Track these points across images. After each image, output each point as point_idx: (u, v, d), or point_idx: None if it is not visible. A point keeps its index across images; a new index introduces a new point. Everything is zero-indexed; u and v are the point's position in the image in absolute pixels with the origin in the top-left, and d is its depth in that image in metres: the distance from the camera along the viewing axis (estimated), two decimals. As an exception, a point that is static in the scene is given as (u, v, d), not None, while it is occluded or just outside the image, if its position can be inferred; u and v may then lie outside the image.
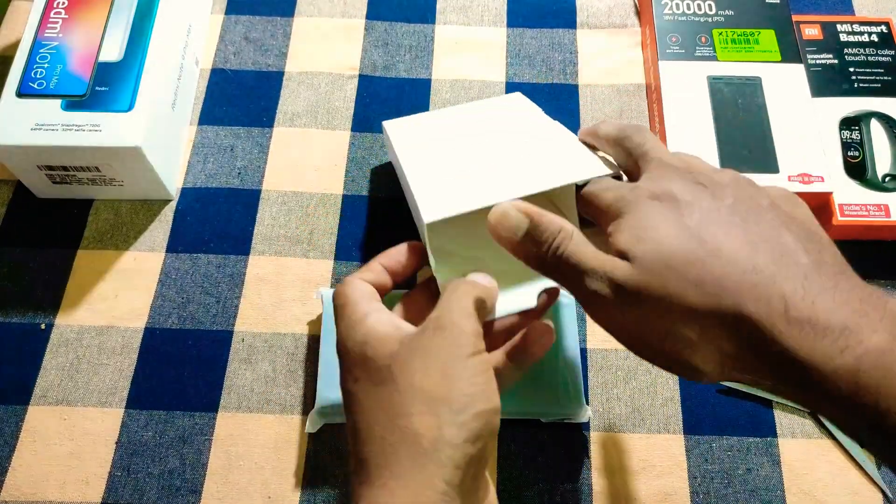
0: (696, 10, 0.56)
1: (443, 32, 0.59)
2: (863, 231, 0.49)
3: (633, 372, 0.46)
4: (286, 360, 0.46)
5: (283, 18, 0.59)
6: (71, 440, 0.44)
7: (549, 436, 0.45)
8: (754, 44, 0.54)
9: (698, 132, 0.51)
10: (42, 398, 0.45)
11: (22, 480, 0.43)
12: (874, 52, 0.55)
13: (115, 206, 0.51)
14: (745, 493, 0.43)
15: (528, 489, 0.43)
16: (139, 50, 0.49)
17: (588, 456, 0.44)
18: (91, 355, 0.46)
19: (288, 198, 0.52)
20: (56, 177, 0.49)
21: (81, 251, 0.50)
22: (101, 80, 0.48)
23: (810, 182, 0.49)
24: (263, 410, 0.45)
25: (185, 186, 0.52)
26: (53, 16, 0.50)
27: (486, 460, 0.29)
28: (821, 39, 0.56)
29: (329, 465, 0.44)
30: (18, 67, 0.48)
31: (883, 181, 0.50)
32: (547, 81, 0.57)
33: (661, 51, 0.54)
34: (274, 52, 0.58)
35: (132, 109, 0.47)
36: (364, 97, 0.56)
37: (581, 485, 0.43)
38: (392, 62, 0.58)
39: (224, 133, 0.55)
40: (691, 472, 0.44)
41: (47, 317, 0.48)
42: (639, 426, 0.45)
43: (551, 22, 0.60)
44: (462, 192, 0.36)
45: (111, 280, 0.49)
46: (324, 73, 0.57)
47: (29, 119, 0.46)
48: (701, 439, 0.45)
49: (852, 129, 0.52)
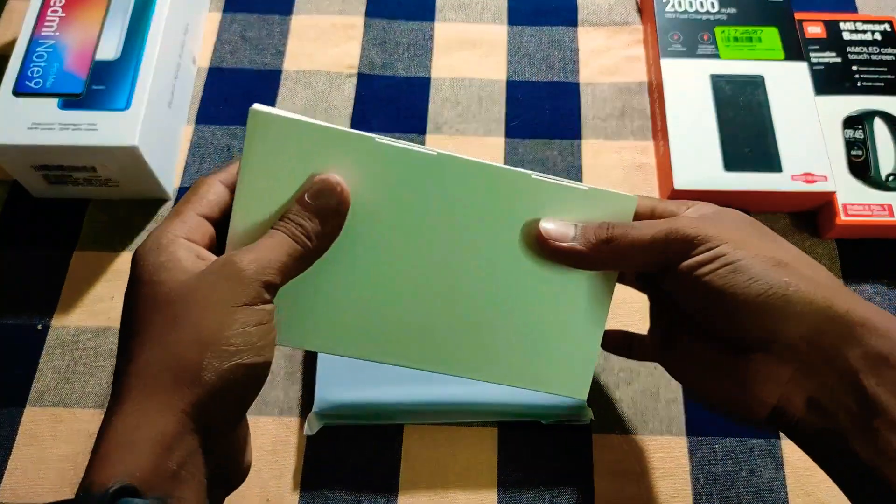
0: (699, 8, 0.55)
1: (442, 30, 0.59)
2: (866, 230, 0.49)
3: (635, 373, 0.46)
4: (284, 361, 0.46)
5: (280, 17, 0.59)
6: (67, 443, 0.44)
7: (550, 438, 0.44)
8: (757, 42, 0.54)
9: (701, 131, 0.50)
10: (38, 400, 0.45)
11: (18, 483, 0.42)
12: (877, 50, 0.54)
13: (111, 207, 0.51)
14: (749, 494, 0.43)
15: (530, 492, 0.43)
16: (136, 49, 0.48)
17: (590, 458, 0.44)
18: (87, 357, 0.46)
19: (286, 197, 0.52)
20: (52, 177, 0.48)
21: (78, 252, 0.49)
22: (98, 79, 0.47)
23: (813, 181, 0.49)
24: (262, 412, 0.45)
25: (183, 186, 0.52)
26: (50, 14, 0.49)
27: (245, 405, 0.29)
28: (824, 38, 0.55)
29: (328, 467, 0.43)
30: (15, 66, 0.47)
31: (886, 180, 0.50)
32: (547, 79, 0.57)
33: (663, 49, 0.54)
34: (271, 50, 0.57)
35: (129, 108, 0.46)
36: (363, 96, 0.56)
37: (583, 487, 0.43)
38: (391, 60, 0.57)
39: (221, 132, 0.54)
40: (694, 474, 0.43)
41: (43, 318, 0.47)
42: (641, 428, 0.45)
43: (552, 19, 0.59)
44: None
45: (108, 281, 0.49)
46: (322, 71, 0.57)
47: (25, 118, 0.46)
48: (703, 441, 0.44)
49: (856, 127, 0.51)
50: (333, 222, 0.30)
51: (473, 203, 0.31)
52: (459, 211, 0.31)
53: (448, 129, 0.54)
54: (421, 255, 0.31)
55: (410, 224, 0.31)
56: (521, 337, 0.33)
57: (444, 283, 0.32)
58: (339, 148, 0.30)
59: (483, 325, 0.32)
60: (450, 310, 0.32)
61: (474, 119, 0.55)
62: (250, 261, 0.28)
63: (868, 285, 0.49)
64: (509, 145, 0.54)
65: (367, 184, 0.30)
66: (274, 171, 0.30)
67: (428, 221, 0.31)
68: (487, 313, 0.32)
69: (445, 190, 0.31)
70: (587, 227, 0.32)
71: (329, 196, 0.30)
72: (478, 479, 0.43)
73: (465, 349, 0.32)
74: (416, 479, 0.43)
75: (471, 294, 0.32)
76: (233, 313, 0.27)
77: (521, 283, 0.32)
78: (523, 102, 0.56)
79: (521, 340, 0.33)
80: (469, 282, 0.32)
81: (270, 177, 0.30)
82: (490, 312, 0.32)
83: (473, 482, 0.43)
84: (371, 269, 0.31)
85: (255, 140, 0.30)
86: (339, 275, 0.31)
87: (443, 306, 0.32)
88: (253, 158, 0.30)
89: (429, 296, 0.32)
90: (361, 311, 0.32)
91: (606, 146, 0.54)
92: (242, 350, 0.27)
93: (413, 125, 0.55)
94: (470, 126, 0.55)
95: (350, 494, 0.43)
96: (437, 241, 0.31)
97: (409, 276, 0.32)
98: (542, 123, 0.55)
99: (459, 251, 0.32)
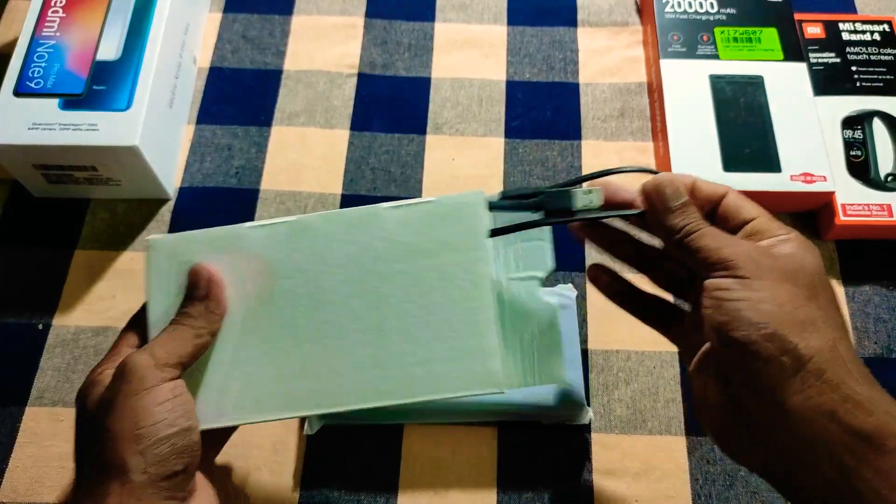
0: (698, 9, 0.56)
1: (443, 30, 0.59)
2: (865, 231, 0.49)
3: (635, 373, 0.46)
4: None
5: (281, 16, 0.59)
6: (67, 442, 0.44)
7: (549, 438, 0.44)
8: (756, 42, 0.54)
9: (700, 131, 0.51)
10: (39, 399, 0.45)
11: (18, 482, 0.43)
12: (877, 50, 0.54)
13: (112, 206, 0.51)
14: (747, 494, 0.43)
15: (529, 491, 0.43)
16: (137, 49, 0.49)
17: (589, 458, 0.44)
18: (88, 356, 0.46)
19: (286, 197, 0.52)
20: (53, 176, 0.48)
21: (79, 251, 0.50)
22: (99, 79, 0.47)
23: (813, 181, 0.49)
24: (262, 412, 0.45)
25: (183, 186, 0.52)
26: (51, 14, 0.50)
27: (191, 472, 0.31)
28: (823, 38, 0.55)
29: (328, 466, 0.43)
30: (16, 66, 0.47)
31: (885, 181, 0.50)
32: (547, 80, 0.57)
33: (663, 49, 0.54)
34: (272, 50, 0.58)
35: (129, 108, 0.46)
36: (363, 96, 0.56)
37: (582, 487, 0.43)
38: (391, 60, 0.57)
39: (222, 132, 0.54)
40: (693, 474, 0.43)
41: (44, 317, 0.47)
42: (640, 428, 0.45)
43: (552, 20, 0.60)
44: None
45: (108, 280, 0.49)
46: (322, 71, 0.57)
47: (26, 118, 0.46)
48: (703, 441, 0.44)
49: (855, 128, 0.52)
50: (211, 301, 0.33)
51: (344, 245, 0.35)
52: (335, 255, 0.35)
53: (448, 130, 0.55)
54: (314, 306, 0.34)
55: (299, 281, 0.34)
56: (416, 349, 0.34)
57: (340, 325, 0.34)
58: (215, 243, 0.35)
59: (382, 352, 0.34)
60: (350, 346, 0.34)
61: (474, 119, 0.55)
62: (142, 355, 0.31)
63: (867, 286, 0.49)
64: (509, 145, 0.54)
65: (250, 261, 0.35)
66: (167, 284, 0.34)
67: (313, 274, 0.34)
68: (383, 340, 0.34)
69: (316, 243, 0.35)
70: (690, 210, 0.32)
71: (197, 277, 0.34)
72: (477, 479, 0.43)
73: (374, 377, 0.34)
74: (416, 479, 0.43)
75: (365, 327, 0.34)
76: (140, 401, 0.30)
77: (400, 304, 0.34)
78: (523, 102, 0.56)
79: (418, 352, 0.34)
80: (361, 316, 0.34)
81: (166, 289, 0.34)
82: (385, 338, 0.34)
83: (473, 482, 0.43)
84: (273, 332, 0.34)
85: (149, 264, 0.34)
86: (246, 346, 0.34)
87: (343, 345, 0.34)
88: (151, 277, 0.34)
89: (329, 340, 0.34)
90: (270, 372, 0.34)
91: (606, 146, 0.54)
92: (161, 428, 0.30)
93: (413, 125, 0.55)
94: (470, 126, 0.55)
95: (350, 494, 0.43)
96: (324, 289, 0.34)
97: (307, 328, 0.34)
98: (542, 124, 0.55)
99: (346, 292, 0.34)
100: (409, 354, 0.34)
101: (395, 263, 0.34)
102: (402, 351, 0.34)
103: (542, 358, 0.34)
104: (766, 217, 0.31)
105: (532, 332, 0.35)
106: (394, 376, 0.34)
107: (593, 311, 0.48)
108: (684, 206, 0.32)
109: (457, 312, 0.34)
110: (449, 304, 0.34)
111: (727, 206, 0.32)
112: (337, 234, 0.35)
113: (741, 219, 0.32)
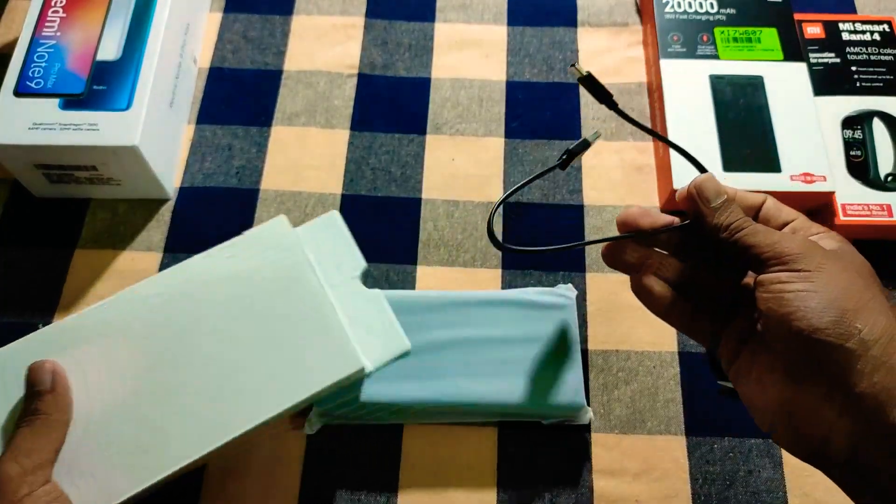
0: (698, 9, 0.56)
1: (443, 31, 0.59)
2: (865, 231, 0.49)
3: (634, 373, 0.46)
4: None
5: (281, 17, 0.59)
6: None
7: (550, 438, 0.44)
8: (756, 42, 0.54)
9: (700, 131, 0.51)
10: (39, 399, 0.45)
11: (19, 482, 0.43)
12: (876, 51, 0.55)
13: (112, 206, 0.51)
14: (747, 494, 0.43)
15: (529, 491, 0.43)
16: (137, 49, 0.49)
17: (589, 458, 0.44)
18: (88, 356, 0.46)
19: (286, 197, 0.52)
20: (53, 176, 0.48)
21: (79, 251, 0.50)
22: (99, 79, 0.47)
23: (812, 181, 0.49)
24: (262, 412, 0.45)
25: (183, 186, 0.52)
26: (51, 14, 0.50)
27: None
28: (823, 38, 0.55)
29: (328, 466, 0.43)
30: (16, 66, 0.47)
31: (885, 181, 0.50)
32: (547, 80, 0.57)
33: (663, 49, 0.54)
34: (272, 50, 0.58)
35: (130, 108, 0.46)
36: (363, 96, 0.56)
37: (582, 487, 0.43)
38: (391, 61, 0.57)
39: (222, 132, 0.54)
40: (692, 474, 0.43)
41: (44, 317, 0.47)
42: (640, 428, 0.45)
43: (552, 20, 0.60)
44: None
45: (108, 280, 0.49)
46: (322, 71, 0.57)
47: (26, 118, 0.46)
48: (702, 441, 0.44)
49: (854, 128, 0.52)
50: (58, 391, 0.34)
51: (175, 299, 0.38)
52: (171, 312, 0.37)
53: (448, 130, 0.55)
54: (150, 369, 0.36)
55: (132, 352, 0.36)
56: (274, 364, 0.37)
57: (181, 379, 0.36)
58: (55, 343, 0.36)
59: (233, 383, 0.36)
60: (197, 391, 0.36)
61: (474, 119, 0.55)
62: (10, 464, 0.31)
63: (867, 286, 0.49)
64: (509, 146, 0.54)
65: (87, 346, 0.36)
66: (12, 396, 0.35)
67: (141, 339, 0.37)
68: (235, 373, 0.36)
69: (150, 310, 0.37)
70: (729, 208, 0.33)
71: (39, 372, 0.34)
72: (477, 479, 0.43)
73: (231, 408, 0.36)
74: (416, 479, 0.43)
75: (212, 368, 0.36)
76: None
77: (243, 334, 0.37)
78: (523, 103, 0.56)
79: (277, 366, 0.37)
80: (205, 360, 0.37)
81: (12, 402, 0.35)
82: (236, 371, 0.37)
83: (473, 482, 0.43)
84: (119, 404, 0.35)
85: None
86: (98, 424, 0.35)
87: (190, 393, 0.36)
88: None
89: (175, 396, 0.36)
90: (127, 442, 0.35)
91: (606, 147, 0.54)
92: None
93: (413, 125, 0.55)
94: (470, 126, 0.55)
95: (350, 493, 0.43)
96: (156, 351, 0.36)
97: (149, 391, 0.36)
98: (542, 124, 0.55)
99: (178, 348, 0.37)
100: (266, 372, 0.36)
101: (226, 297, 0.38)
102: (257, 373, 0.36)
103: (386, 335, 0.39)
104: (804, 218, 0.33)
105: (369, 318, 0.39)
106: (254, 399, 0.36)
107: (593, 311, 0.48)
108: (727, 204, 0.33)
109: (304, 319, 0.37)
110: (294, 317, 0.37)
111: (768, 210, 0.34)
112: (165, 291, 0.38)
113: (782, 220, 0.33)
